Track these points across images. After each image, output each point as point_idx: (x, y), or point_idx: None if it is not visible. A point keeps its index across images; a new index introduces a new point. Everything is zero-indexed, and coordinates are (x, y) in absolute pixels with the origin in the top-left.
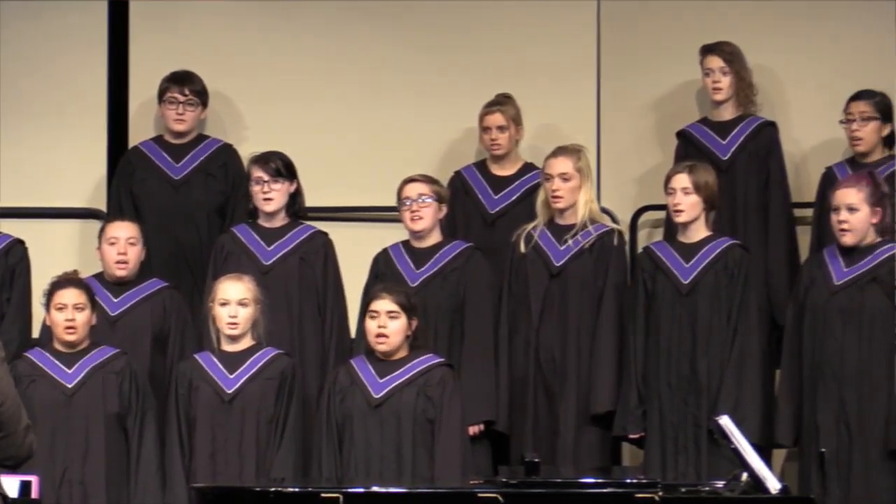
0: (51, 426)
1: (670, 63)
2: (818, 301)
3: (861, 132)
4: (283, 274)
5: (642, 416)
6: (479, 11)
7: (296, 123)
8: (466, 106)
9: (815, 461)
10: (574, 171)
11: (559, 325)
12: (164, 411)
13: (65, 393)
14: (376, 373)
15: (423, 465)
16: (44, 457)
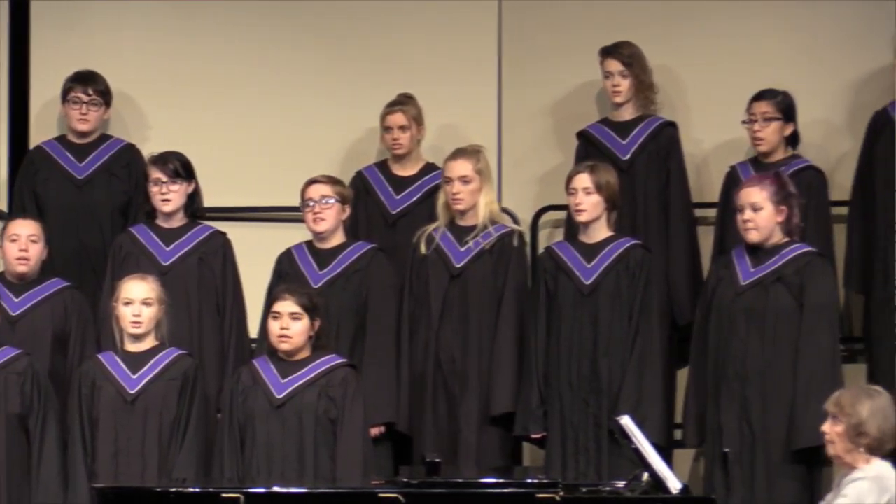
0: None
1: (571, 64)
2: (724, 301)
3: (763, 132)
4: (181, 274)
5: (543, 416)
6: (381, 12)
7: (198, 124)
8: (368, 106)
9: (718, 461)
10: (474, 173)
11: (459, 327)
12: (65, 411)
13: None
14: (278, 373)
15: (324, 465)
16: None
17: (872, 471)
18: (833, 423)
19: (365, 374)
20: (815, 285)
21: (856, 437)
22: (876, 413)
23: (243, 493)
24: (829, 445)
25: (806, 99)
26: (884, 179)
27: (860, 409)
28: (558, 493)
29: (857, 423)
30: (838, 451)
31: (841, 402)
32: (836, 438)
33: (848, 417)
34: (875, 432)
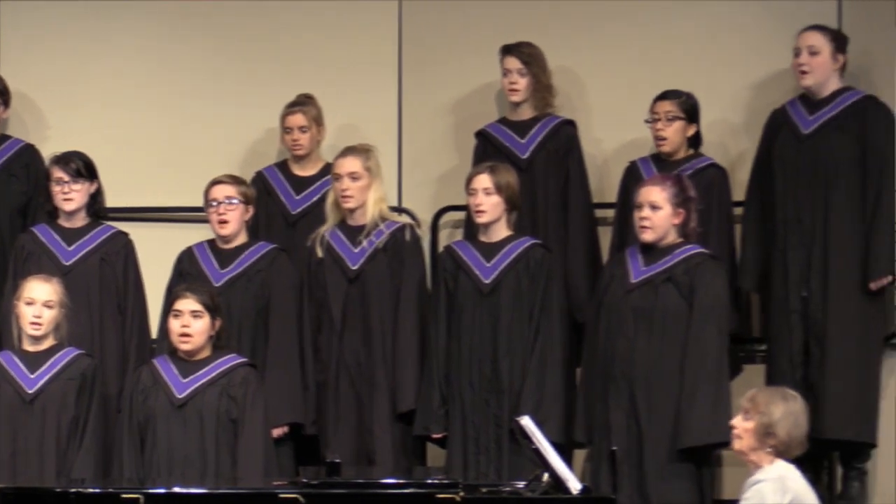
0: None
1: (471, 64)
2: (614, 299)
3: (666, 132)
4: (83, 274)
5: (444, 415)
6: (281, 12)
7: (98, 124)
8: (268, 106)
9: (606, 459)
10: (363, 170)
11: (362, 329)
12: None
13: None
14: (179, 372)
15: (225, 465)
16: None
17: (774, 472)
18: (744, 419)
19: (268, 374)
20: (705, 286)
21: (764, 437)
22: (788, 416)
23: (143, 493)
24: (736, 440)
25: (706, 99)
26: (782, 178)
27: (773, 409)
28: (458, 494)
29: (767, 423)
30: (744, 448)
31: (756, 399)
32: (745, 434)
33: (760, 416)
34: (784, 435)
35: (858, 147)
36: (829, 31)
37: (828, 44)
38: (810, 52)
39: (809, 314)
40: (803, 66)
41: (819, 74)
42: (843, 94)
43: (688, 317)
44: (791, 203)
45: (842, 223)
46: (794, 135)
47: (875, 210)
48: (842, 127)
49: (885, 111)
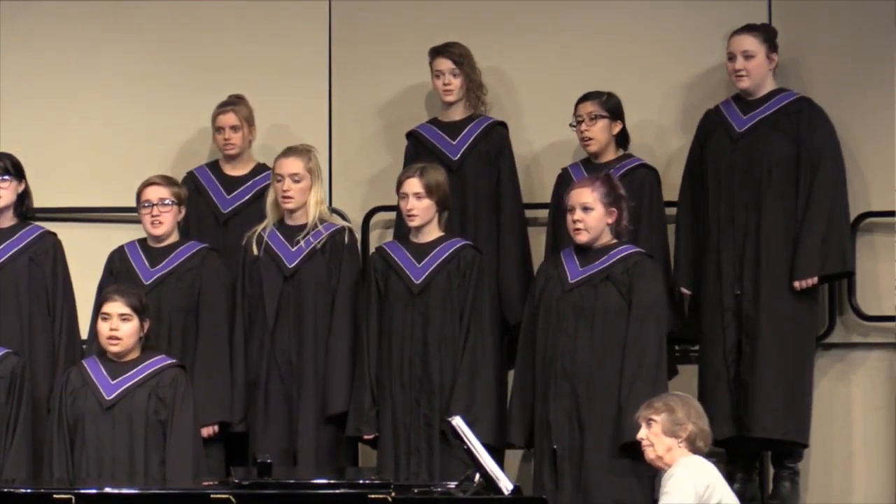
0: None
1: (401, 65)
2: (552, 299)
3: (591, 131)
4: (11, 274)
5: (376, 416)
6: (212, 11)
7: (27, 123)
8: (200, 106)
9: (548, 458)
10: (305, 171)
11: (295, 328)
12: None
13: None
14: (108, 374)
15: (155, 466)
16: None
17: (687, 462)
18: (648, 427)
19: (197, 373)
20: (643, 285)
21: (673, 434)
22: (688, 409)
23: (74, 493)
24: (647, 450)
25: (636, 100)
26: (715, 178)
27: (674, 405)
28: (390, 494)
29: (674, 419)
30: (658, 451)
31: (653, 405)
32: (655, 439)
33: (663, 416)
34: (691, 426)
35: (792, 147)
36: (761, 31)
37: (762, 45)
38: (745, 56)
39: (742, 312)
40: (740, 71)
41: (756, 77)
42: (779, 95)
43: (627, 315)
44: (724, 202)
45: (774, 223)
46: (728, 135)
47: (805, 211)
48: (776, 127)
49: (819, 112)
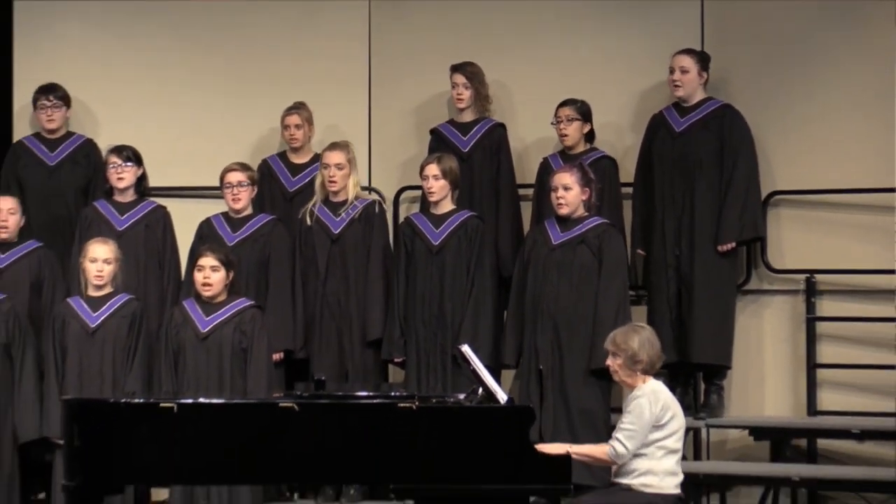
0: None
1: (426, 77)
2: (539, 257)
3: (567, 130)
4: (132, 237)
5: (403, 345)
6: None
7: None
8: (271, 109)
9: (534, 376)
10: (345, 161)
11: (341, 278)
12: (41, 342)
13: None
14: (202, 313)
15: (238, 383)
16: None
17: (648, 388)
18: (613, 359)
19: (268, 313)
20: (610, 247)
21: (633, 365)
22: (644, 344)
23: (177, 403)
24: (613, 374)
25: (599, 105)
26: (660, 166)
27: (631, 343)
28: (415, 403)
29: (631, 355)
30: (621, 378)
31: (616, 340)
32: (618, 369)
33: (623, 352)
34: (646, 358)
35: (718, 143)
36: (696, 53)
37: (695, 64)
38: (682, 71)
39: (681, 268)
40: (676, 81)
41: (689, 88)
42: (707, 102)
43: (598, 270)
44: (667, 185)
45: (704, 200)
46: (669, 133)
47: (727, 191)
48: (706, 127)
49: (738, 116)
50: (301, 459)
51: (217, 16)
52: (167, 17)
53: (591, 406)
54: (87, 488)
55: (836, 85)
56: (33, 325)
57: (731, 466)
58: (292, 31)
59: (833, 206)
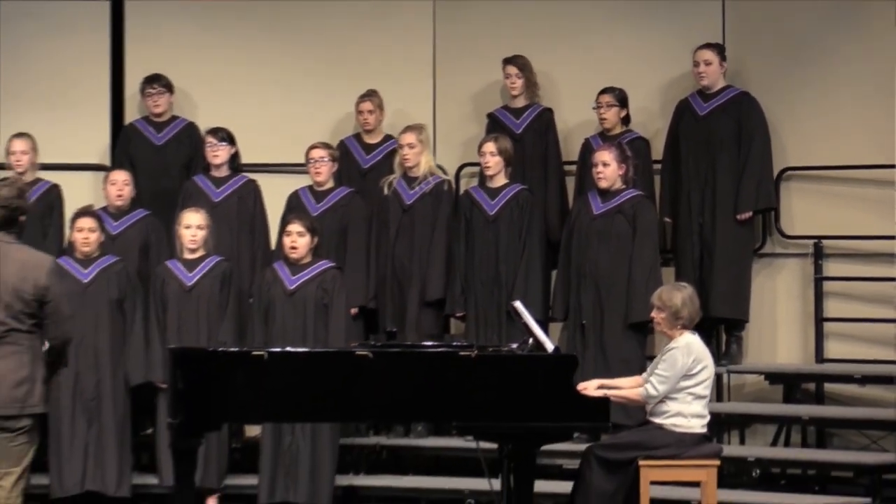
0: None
1: (483, 67)
2: (582, 225)
3: (606, 115)
4: (226, 207)
5: (464, 301)
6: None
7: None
8: (347, 96)
9: (578, 330)
10: (418, 142)
11: (409, 244)
12: (148, 298)
13: (81, 285)
14: (290, 272)
15: (321, 334)
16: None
17: (683, 341)
18: (658, 313)
19: (346, 273)
20: (643, 216)
21: (675, 321)
22: (686, 301)
23: (267, 351)
24: (657, 326)
25: (634, 93)
26: (685, 146)
27: (675, 300)
28: (473, 352)
29: (675, 311)
30: (663, 329)
31: (661, 297)
32: (661, 322)
33: (668, 308)
34: (686, 314)
35: (736, 125)
36: (716, 47)
37: (716, 56)
38: (705, 63)
39: (703, 234)
40: (700, 72)
41: (711, 78)
42: (727, 90)
43: (632, 236)
44: (692, 162)
45: (724, 175)
46: (694, 117)
47: (744, 167)
48: (726, 111)
49: (754, 102)
50: (374, 401)
51: (301, 14)
52: (258, 15)
53: (627, 355)
54: (189, 425)
55: (841, 75)
56: (142, 284)
57: (748, 407)
58: (366, 27)
59: (838, 181)
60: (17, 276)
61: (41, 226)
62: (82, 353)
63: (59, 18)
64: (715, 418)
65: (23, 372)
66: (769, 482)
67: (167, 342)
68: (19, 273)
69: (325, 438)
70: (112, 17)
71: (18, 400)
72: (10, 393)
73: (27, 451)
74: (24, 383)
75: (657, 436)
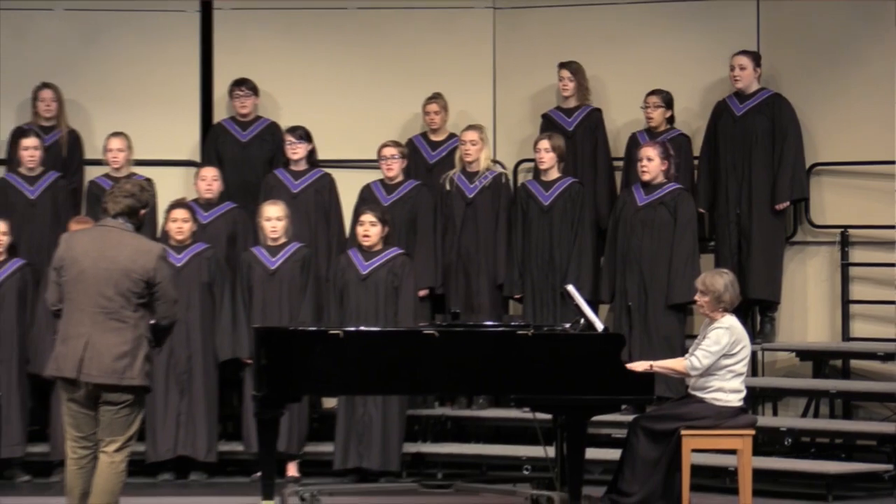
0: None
1: (539, 71)
2: (627, 215)
3: (653, 114)
4: (304, 198)
5: (522, 284)
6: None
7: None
8: (415, 98)
9: (624, 311)
10: (478, 139)
11: (473, 233)
12: (236, 282)
13: (175, 269)
14: (363, 258)
15: (391, 315)
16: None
17: (727, 322)
18: (701, 296)
19: (416, 258)
20: (683, 208)
21: (717, 304)
22: (727, 286)
23: (342, 330)
24: (699, 308)
25: (678, 94)
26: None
27: (718, 285)
28: (530, 330)
29: (717, 296)
30: (706, 312)
31: (705, 282)
32: (705, 304)
33: (711, 293)
34: (728, 298)
35: (770, 124)
36: (751, 53)
37: (751, 62)
38: (741, 68)
39: (741, 223)
40: (736, 76)
41: (746, 81)
42: (761, 92)
43: (673, 226)
44: (729, 157)
45: (759, 170)
46: (731, 116)
47: (779, 163)
48: (760, 112)
49: (787, 102)
50: (440, 375)
51: (372, 23)
52: (335, 24)
53: (668, 333)
54: (271, 398)
55: (866, 77)
56: (229, 268)
57: (781, 382)
58: (432, 35)
59: (863, 175)
60: (129, 259)
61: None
62: (175, 331)
63: (154, 28)
64: (750, 392)
65: (125, 347)
66: (800, 450)
67: (252, 321)
68: (131, 257)
69: (394, 409)
70: (202, 27)
71: (118, 372)
72: (110, 364)
73: (130, 423)
74: (125, 357)
75: (698, 408)
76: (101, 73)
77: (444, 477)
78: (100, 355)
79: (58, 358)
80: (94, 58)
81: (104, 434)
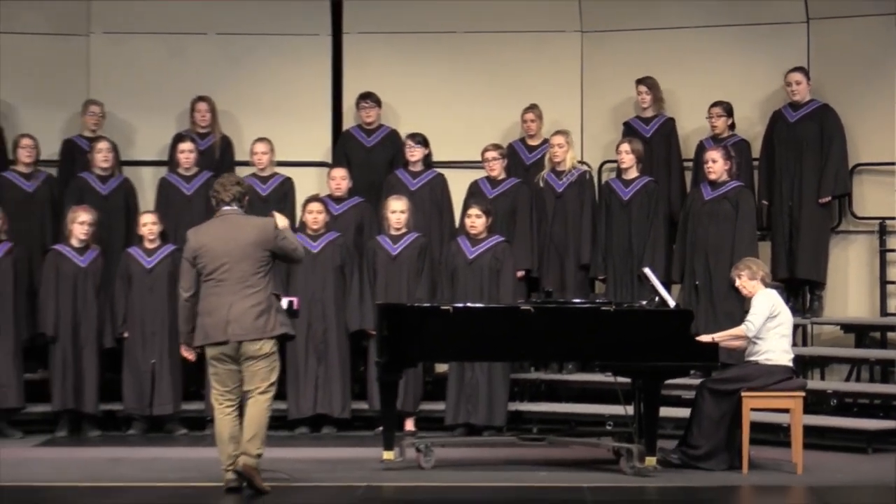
0: (306, 270)
1: (620, 86)
2: (695, 208)
3: (717, 123)
4: (422, 195)
5: (605, 267)
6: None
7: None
8: (514, 109)
9: (692, 290)
10: (565, 142)
11: (563, 223)
12: (364, 265)
13: (312, 255)
14: (470, 245)
15: (493, 293)
16: (302, 286)
17: (764, 292)
18: (740, 280)
19: (515, 244)
20: (744, 202)
21: (753, 277)
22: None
23: (452, 307)
24: (741, 290)
25: (738, 105)
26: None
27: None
28: (612, 307)
29: (751, 274)
30: (747, 289)
31: (739, 267)
32: (745, 284)
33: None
34: (763, 274)
35: (819, 130)
36: (803, 70)
37: (803, 77)
38: (796, 83)
39: (792, 215)
40: (794, 90)
41: (800, 94)
42: (811, 102)
43: (735, 218)
44: (783, 159)
45: (809, 169)
46: (785, 123)
47: (826, 162)
48: (811, 119)
49: (833, 112)
50: (535, 345)
51: (479, 45)
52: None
53: (730, 309)
54: (392, 364)
55: None
56: (357, 254)
57: (827, 351)
58: (529, 56)
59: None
60: (256, 233)
61: (278, 210)
62: (313, 307)
63: (292, 50)
64: (800, 360)
65: (261, 306)
66: (843, 410)
67: (376, 299)
68: (254, 233)
69: (498, 373)
70: (333, 49)
71: (260, 328)
72: (253, 323)
73: (270, 371)
74: (263, 314)
75: (753, 370)
76: (247, 87)
77: (539, 431)
78: (243, 317)
79: (205, 327)
80: (241, 75)
81: (250, 384)
